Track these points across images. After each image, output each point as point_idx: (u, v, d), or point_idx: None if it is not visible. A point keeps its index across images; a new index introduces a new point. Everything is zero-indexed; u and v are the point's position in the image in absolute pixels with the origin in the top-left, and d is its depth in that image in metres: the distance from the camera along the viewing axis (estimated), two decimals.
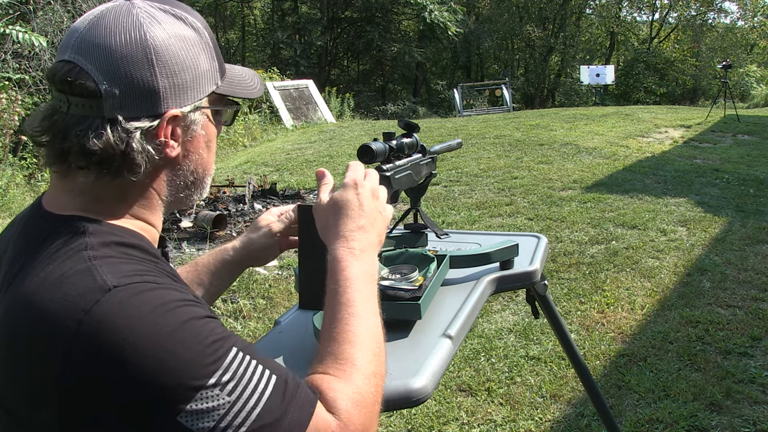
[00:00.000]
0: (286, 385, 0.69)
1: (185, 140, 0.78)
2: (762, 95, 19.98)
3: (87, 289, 0.65)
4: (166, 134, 0.75)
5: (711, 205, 5.23)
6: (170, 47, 0.73)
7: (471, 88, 19.50)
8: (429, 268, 1.31)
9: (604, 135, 8.83)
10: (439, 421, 2.41)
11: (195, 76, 0.76)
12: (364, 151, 1.11)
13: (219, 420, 0.64)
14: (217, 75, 0.80)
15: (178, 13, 0.77)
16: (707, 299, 3.40)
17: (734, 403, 2.43)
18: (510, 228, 4.67)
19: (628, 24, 27.84)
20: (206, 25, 0.80)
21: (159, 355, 0.63)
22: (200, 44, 0.77)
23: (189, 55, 0.75)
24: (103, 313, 0.63)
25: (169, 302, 0.67)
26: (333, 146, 8.57)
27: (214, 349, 0.66)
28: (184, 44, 0.75)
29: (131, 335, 0.63)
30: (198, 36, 0.77)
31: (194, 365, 0.64)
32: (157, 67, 0.72)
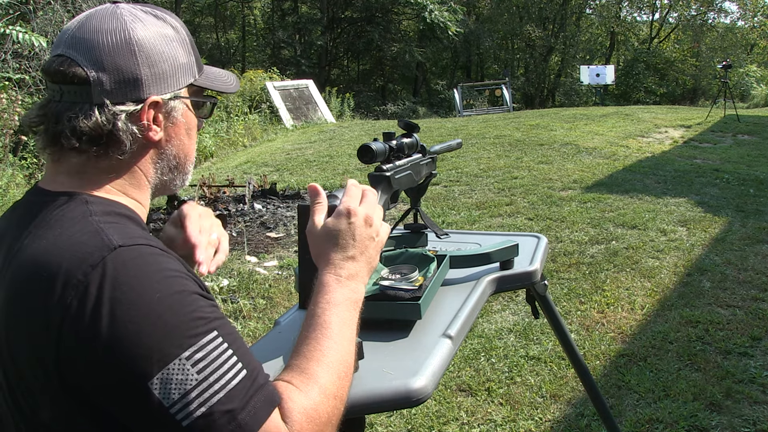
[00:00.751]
0: (254, 381, 0.72)
1: (167, 126, 0.86)
2: (762, 95, 19.98)
3: (96, 247, 0.71)
4: (148, 118, 0.83)
5: (711, 205, 5.23)
6: (151, 40, 0.83)
7: (471, 88, 19.49)
8: (429, 268, 1.31)
9: (604, 135, 8.83)
10: (439, 421, 2.41)
11: (173, 68, 0.85)
12: (364, 151, 1.12)
13: (183, 394, 0.67)
14: (195, 69, 0.89)
15: (158, 14, 0.86)
16: (707, 299, 3.40)
17: (734, 403, 2.43)
18: (510, 228, 4.67)
19: (628, 24, 27.84)
20: (184, 26, 0.90)
21: (147, 315, 0.68)
22: (178, 40, 0.86)
23: (168, 49, 0.84)
24: (107, 269, 0.69)
25: (166, 269, 0.72)
26: (333, 146, 8.57)
27: (196, 325, 0.70)
28: (164, 39, 0.84)
29: (128, 293, 0.68)
30: (176, 33, 0.86)
31: (174, 334, 0.68)
32: (139, 57, 0.81)
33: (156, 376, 0.67)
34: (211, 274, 1.03)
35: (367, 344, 1.00)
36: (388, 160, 1.21)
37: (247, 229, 4.71)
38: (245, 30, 27.02)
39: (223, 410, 0.68)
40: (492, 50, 27.33)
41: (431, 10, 20.15)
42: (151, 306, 0.68)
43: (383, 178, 1.16)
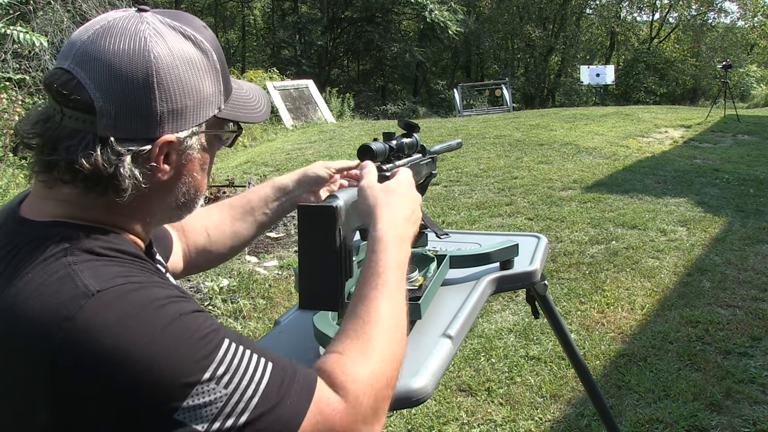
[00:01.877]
0: (284, 371, 0.69)
1: (180, 164, 0.76)
2: (762, 95, 19.98)
3: (69, 296, 0.63)
4: (158, 159, 0.72)
5: (711, 205, 5.23)
6: (174, 70, 0.71)
7: (471, 88, 19.50)
8: (429, 268, 1.31)
9: (604, 135, 8.83)
10: (439, 421, 2.41)
11: (196, 102, 0.74)
12: (364, 150, 1.12)
13: (217, 413, 0.63)
14: (221, 98, 0.78)
15: (187, 32, 0.74)
16: (707, 299, 3.40)
17: (734, 403, 2.43)
18: (510, 228, 4.67)
19: (628, 24, 27.84)
20: (217, 45, 0.78)
21: (151, 355, 0.61)
22: (206, 67, 0.75)
23: (192, 79, 0.73)
24: (88, 318, 0.62)
25: (155, 300, 0.65)
26: (333, 146, 8.57)
27: (206, 342, 0.65)
28: (189, 67, 0.73)
29: (120, 337, 0.61)
30: (205, 58, 0.75)
31: (187, 362, 0.63)
32: (158, 91, 0.70)
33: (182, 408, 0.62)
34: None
35: None
36: (389, 160, 1.21)
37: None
38: (245, 30, 27.03)
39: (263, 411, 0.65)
40: (492, 50, 27.35)
41: (431, 9, 20.15)
42: (153, 341, 0.62)
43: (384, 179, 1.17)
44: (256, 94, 0.87)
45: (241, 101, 0.82)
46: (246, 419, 0.64)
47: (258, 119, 0.84)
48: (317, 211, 0.93)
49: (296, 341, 1.17)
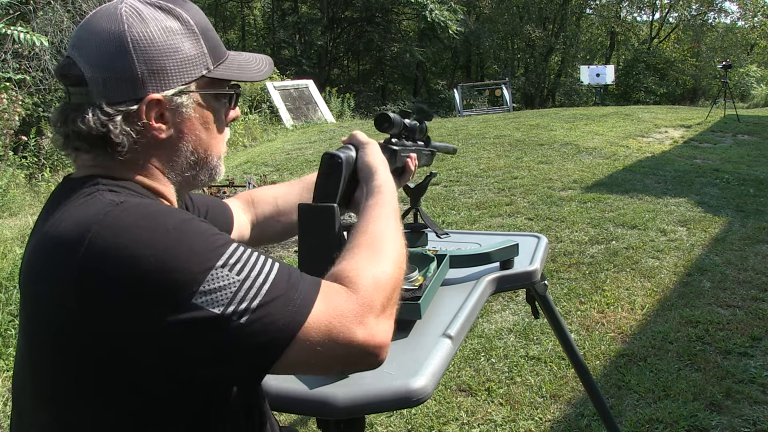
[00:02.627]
0: (290, 269, 0.76)
1: (177, 122, 0.84)
2: (762, 95, 19.98)
3: (96, 209, 0.73)
4: (149, 116, 0.81)
5: (711, 205, 5.23)
6: (148, 36, 0.79)
7: (471, 88, 19.49)
8: (429, 268, 1.31)
9: (604, 135, 8.83)
10: (439, 421, 2.41)
11: (177, 62, 0.81)
12: (382, 118, 1.15)
13: (232, 296, 0.68)
14: (208, 60, 0.85)
15: (164, 5, 0.83)
16: (707, 299, 3.40)
17: (734, 403, 2.43)
18: (510, 228, 4.66)
19: (628, 24, 27.83)
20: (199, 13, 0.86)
21: (168, 246, 0.68)
22: (184, 31, 0.82)
23: (169, 43, 0.81)
24: (112, 220, 0.70)
25: (169, 210, 0.74)
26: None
27: (217, 239, 0.72)
28: (164, 33, 0.81)
29: (141, 233, 0.69)
30: (182, 25, 0.83)
31: (201, 251, 0.70)
32: (134, 55, 0.79)
33: (198, 292, 0.67)
34: None
35: None
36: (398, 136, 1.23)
37: None
38: (245, 30, 27.01)
39: (276, 296, 0.70)
40: (492, 50, 27.33)
41: (431, 9, 20.15)
42: (168, 236, 0.69)
43: (392, 151, 1.18)
44: (256, 58, 0.94)
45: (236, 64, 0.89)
46: (258, 302, 0.69)
47: (256, 78, 0.90)
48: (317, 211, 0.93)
49: None
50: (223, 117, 0.90)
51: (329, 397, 0.93)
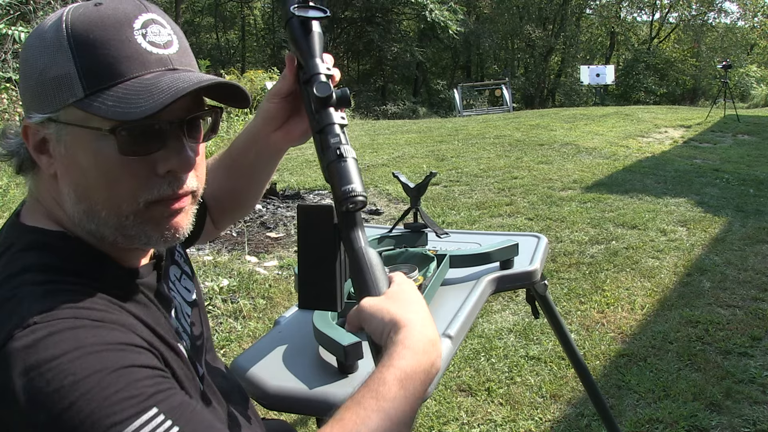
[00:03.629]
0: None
1: (58, 157, 0.69)
2: (762, 95, 19.99)
3: (5, 323, 0.59)
4: (27, 142, 0.70)
5: (711, 205, 5.23)
6: (27, 49, 0.69)
7: (471, 88, 19.51)
8: (429, 268, 1.31)
9: (604, 135, 8.83)
10: (439, 421, 2.41)
11: (41, 84, 0.67)
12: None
13: None
14: (76, 85, 0.65)
15: (60, 14, 0.68)
16: (707, 299, 3.40)
17: (734, 403, 2.43)
18: (510, 228, 4.66)
19: (628, 24, 27.84)
20: (90, 21, 0.66)
21: (59, 405, 0.55)
22: (55, 46, 0.66)
23: (36, 59, 0.67)
24: (12, 352, 0.57)
25: (90, 345, 0.58)
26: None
27: (124, 407, 0.56)
28: (35, 47, 0.68)
29: (34, 382, 0.56)
30: (56, 37, 0.66)
31: (94, 422, 0.55)
32: (21, 77, 0.71)
33: None
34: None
35: (366, 344, 1.00)
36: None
37: (247, 229, 4.71)
38: (245, 30, 27.02)
39: None
40: (492, 50, 27.34)
41: (431, 9, 20.15)
42: (62, 392, 0.55)
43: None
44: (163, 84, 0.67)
45: (129, 91, 0.66)
46: None
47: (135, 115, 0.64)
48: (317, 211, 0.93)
49: (296, 341, 1.17)
50: (116, 164, 0.67)
51: (329, 397, 0.93)
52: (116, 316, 0.64)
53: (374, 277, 0.75)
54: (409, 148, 8.07)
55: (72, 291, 0.64)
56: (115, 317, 0.63)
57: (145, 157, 0.68)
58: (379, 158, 7.42)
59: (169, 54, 0.69)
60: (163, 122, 0.68)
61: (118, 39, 0.66)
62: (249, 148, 0.98)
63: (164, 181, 0.70)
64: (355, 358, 0.98)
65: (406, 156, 7.53)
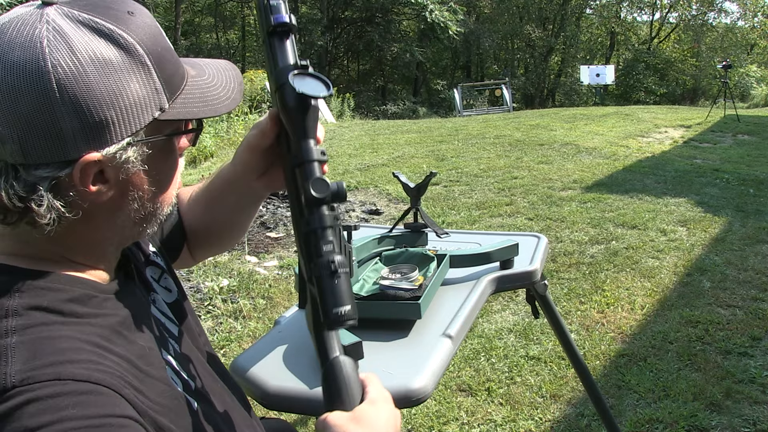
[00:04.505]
0: None
1: (121, 180, 0.65)
2: (762, 95, 20.00)
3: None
4: (84, 182, 0.62)
5: (711, 205, 5.23)
6: (81, 78, 0.59)
7: (471, 88, 19.52)
8: (429, 268, 1.31)
9: (604, 135, 8.83)
10: (439, 421, 2.41)
11: (122, 110, 0.61)
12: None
13: None
14: (161, 98, 0.65)
15: (101, 24, 0.61)
16: (707, 299, 3.40)
17: (734, 403, 2.43)
18: (510, 228, 4.66)
19: (628, 24, 27.85)
20: (149, 33, 0.64)
21: None
22: (129, 67, 0.62)
23: (109, 85, 0.60)
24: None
25: (67, 419, 0.54)
26: (333, 146, 8.57)
27: None
28: (103, 71, 0.60)
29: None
30: (126, 56, 0.62)
31: None
32: (63, 107, 0.58)
33: None
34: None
35: (367, 344, 1.00)
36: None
37: None
38: (245, 30, 27.02)
39: None
40: (492, 50, 27.34)
41: (431, 9, 20.15)
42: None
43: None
44: (221, 81, 0.73)
45: (196, 94, 0.69)
46: None
47: (222, 111, 0.70)
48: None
49: (296, 341, 1.17)
50: (177, 155, 0.72)
51: None
52: (100, 374, 0.59)
53: (349, 392, 0.71)
54: (409, 148, 8.07)
55: (56, 335, 0.59)
56: (101, 375, 0.59)
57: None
58: (379, 158, 7.42)
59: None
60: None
61: (169, 45, 0.67)
62: (228, 192, 0.93)
63: None
64: (355, 358, 0.98)
65: (406, 156, 7.53)
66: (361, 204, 5.35)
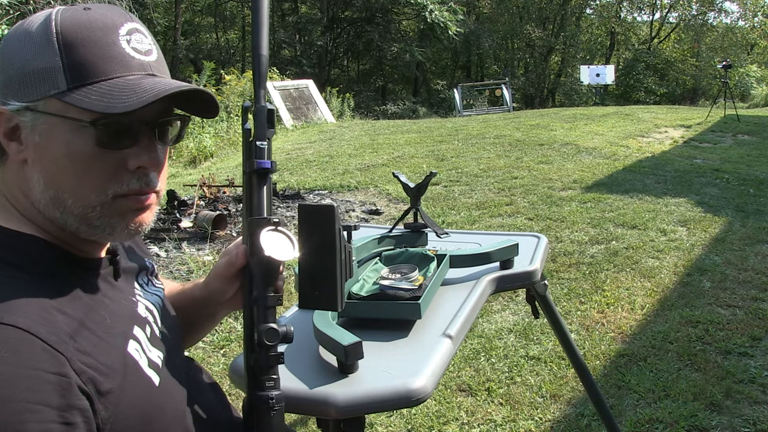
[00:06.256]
0: None
1: (30, 144, 0.72)
2: (762, 95, 19.99)
3: None
4: (2, 129, 0.72)
5: (711, 205, 5.23)
6: (10, 40, 0.73)
7: (471, 88, 19.50)
8: (429, 268, 1.31)
9: (604, 135, 8.83)
10: (439, 421, 2.41)
11: (21, 74, 0.71)
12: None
13: None
14: (60, 79, 0.70)
15: (50, 13, 0.73)
16: (707, 299, 3.40)
17: (734, 403, 2.43)
18: (510, 228, 4.66)
19: (628, 24, 27.85)
20: (78, 23, 0.71)
21: None
22: (42, 43, 0.70)
23: (19, 50, 0.71)
24: None
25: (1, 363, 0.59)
26: (333, 146, 8.57)
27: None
28: (23, 39, 0.72)
29: None
30: (44, 34, 0.71)
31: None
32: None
33: None
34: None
35: (366, 344, 1.00)
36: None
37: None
38: (245, 30, 27.00)
39: None
40: (492, 50, 27.33)
41: (431, 10, 20.15)
42: None
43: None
44: (145, 84, 0.72)
45: (112, 89, 0.71)
46: None
47: (112, 110, 0.69)
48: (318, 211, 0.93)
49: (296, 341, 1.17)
50: (90, 156, 0.72)
51: (329, 397, 0.93)
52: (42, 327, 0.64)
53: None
54: (409, 148, 8.07)
55: (10, 287, 0.66)
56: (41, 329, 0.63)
57: (118, 151, 0.73)
58: (379, 158, 7.42)
59: (149, 61, 0.75)
60: (137, 121, 0.74)
61: (104, 41, 0.72)
62: (193, 308, 1.02)
63: (133, 176, 0.75)
64: (355, 358, 0.98)
65: (406, 156, 7.53)
66: (361, 204, 5.35)
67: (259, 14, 0.87)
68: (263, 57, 0.85)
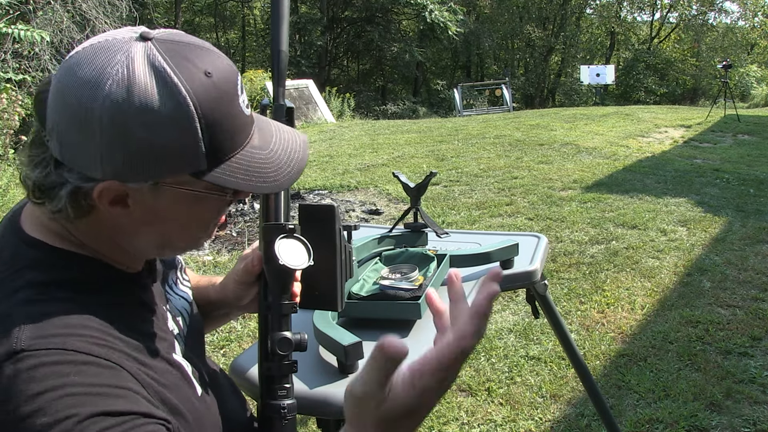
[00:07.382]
0: None
1: (146, 208, 0.69)
2: (762, 95, 19.99)
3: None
4: (101, 200, 0.66)
5: (711, 205, 5.23)
6: (123, 117, 0.61)
7: (471, 88, 19.50)
8: (429, 268, 1.31)
9: (604, 135, 8.83)
10: (439, 421, 2.41)
11: (149, 153, 0.63)
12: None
13: None
14: (201, 161, 0.66)
15: (168, 76, 0.63)
16: (707, 299, 3.40)
17: (734, 403, 2.43)
18: (510, 228, 4.66)
19: (628, 24, 27.84)
20: (214, 97, 0.65)
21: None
22: (174, 122, 0.63)
23: (147, 133, 0.62)
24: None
25: (70, 385, 0.59)
26: (333, 146, 8.57)
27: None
28: (145, 118, 0.62)
29: (10, 414, 0.57)
30: (176, 112, 0.63)
31: None
32: (99, 135, 0.62)
33: None
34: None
35: (367, 344, 1.00)
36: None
37: (247, 228, 4.71)
38: (245, 30, 27.02)
39: None
40: (492, 50, 27.32)
41: (431, 10, 20.14)
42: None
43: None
44: (281, 157, 0.73)
45: (246, 163, 0.70)
46: None
47: (261, 191, 0.71)
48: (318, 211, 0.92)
49: None
50: (213, 216, 0.74)
51: (329, 397, 0.93)
52: (105, 349, 0.63)
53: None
54: (409, 148, 8.07)
55: (67, 310, 0.64)
56: (103, 350, 0.63)
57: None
58: (379, 158, 7.41)
59: (250, 113, 0.73)
60: None
61: (233, 113, 0.68)
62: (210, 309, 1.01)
63: None
64: (355, 358, 0.98)
65: (406, 156, 7.53)
66: (361, 204, 5.35)
67: (280, 8, 0.85)
68: (283, 53, 0.82)
